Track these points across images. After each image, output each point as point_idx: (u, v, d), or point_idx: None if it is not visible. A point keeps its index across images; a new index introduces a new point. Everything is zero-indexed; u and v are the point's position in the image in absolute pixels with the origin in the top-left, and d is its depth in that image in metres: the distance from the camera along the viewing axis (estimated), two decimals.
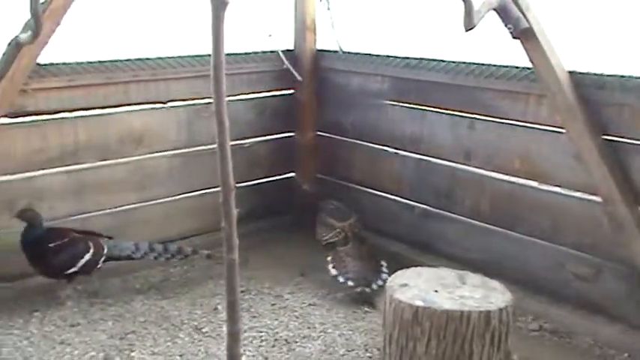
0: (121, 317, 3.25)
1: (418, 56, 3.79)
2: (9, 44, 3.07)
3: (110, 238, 3.47)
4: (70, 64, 3.42)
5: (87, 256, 3.32)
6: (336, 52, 4.20)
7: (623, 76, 2.94)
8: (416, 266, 2.93)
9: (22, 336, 3.05)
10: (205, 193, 3.96)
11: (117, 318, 3.25)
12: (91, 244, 3.36)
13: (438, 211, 3.79)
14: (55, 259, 3.27)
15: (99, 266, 3.37)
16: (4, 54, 3.10)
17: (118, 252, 3.43)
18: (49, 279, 3.35)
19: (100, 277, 3.57)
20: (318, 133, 4.40)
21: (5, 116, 3.24)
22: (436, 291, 2.58)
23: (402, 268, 2.90)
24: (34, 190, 3.44)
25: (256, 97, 4.22)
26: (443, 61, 3.64)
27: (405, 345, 2.49)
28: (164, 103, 3.82)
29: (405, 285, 2.61)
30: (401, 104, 3.91)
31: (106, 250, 3.38)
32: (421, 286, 2.61)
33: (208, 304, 3.40)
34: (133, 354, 2.93)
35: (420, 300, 2.50)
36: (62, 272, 3.32)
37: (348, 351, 2.99)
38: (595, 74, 3.01)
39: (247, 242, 2.65)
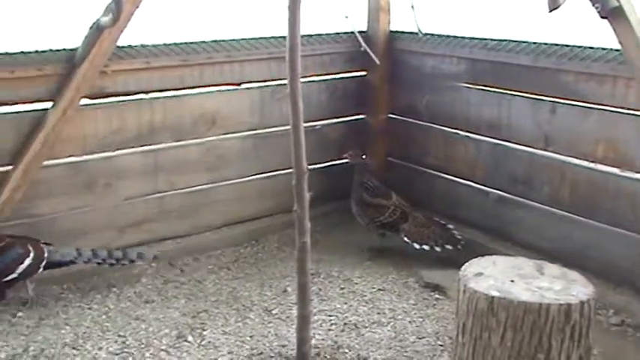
0: (194, 296, 3.32)
1: (497, 37, 3.66)
2: (91, 27, 3.15)
3: (49, 244, 3.20)
4: (147, 46, 3.48)
5: (27, 261, 3.05)
6: (410, 33, 4.12)
7: None
8: (490, 254, 2.84)
9: (100, 311, 3.16)
10: (277, 174, 3.97)
11: (189, 296, 3.31)
12: (30, 248, 3.09)
13: (514, 197, 3.67)
14: None
15: (40, 271, 3.11)
16: (86, 37, 3.18)
17: (60, 257, 3.18)
18: None
19: (174, 256, 3.65)
20: (390, 115, 4.34)
21: (86, 97, 3.33)
22: (512, 281, 2.49)
23: (476, 256, 2.82)
24: (112, 169, 3.53)
25: (328, 79, 4.19)
26: (523, 42, 3.51)
27: (479, 335, 2.42)
28: (237, 84, 3.84)
29: (480, 274, 2.53)
30: (478, 87, 3.80)
31: (46, 255, 3.12)
32: (497, 276, 2.52)
33: (278, 285, 3.42)
34: (205, 332, 2.99)
35: (495, 290, 2.41)
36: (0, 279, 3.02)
37: (419, 338, 2.95)
38: None
39: (317, 225, 2.66)
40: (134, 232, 3.62)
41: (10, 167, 3.19)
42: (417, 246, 3.60)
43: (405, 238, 3.64)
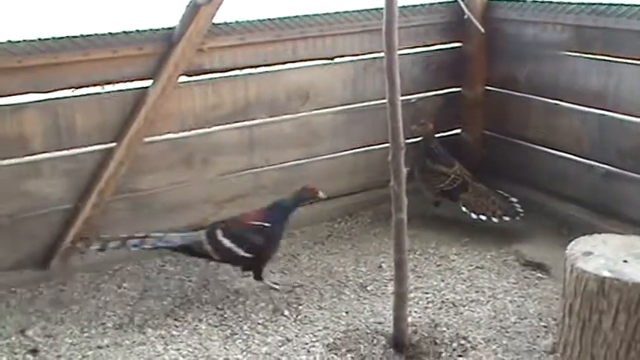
0: (289, 271, 3.35)
1: (605, 1, 3.42)
2: (187, 6, 3.19)
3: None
4: (241, 22, 3.49)
5: None
6: (509, 0, 3.93)
7: None
8: (596, 232, 2.69)
9: (199, 284, 3.25)
10: (370, 149, 3.93)
11: (284, 271, 3.34)
12: None
13: (622, 172, 3.45)
14: None
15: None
16: (183, 15, 3.23)
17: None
18: None
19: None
20: (487, 87, 4.17)
21: (184, 74, 3.40)
22: (625, 261, 2.34)
23: (582, 234, 2.67)
24: (209, 145, 3.60)
25: (423, 51, 4.08)
26: (636, 5, 3.26)
27: (588, 318, 2.30)
28: (330, 59, 3.81)
29: (589, 253, 2.40)
30: (583, 55, 3.58)
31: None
32: (608, 255, 2.38)
33: (373, 261, 3.39)
34: (300, 307, 3.01)
35: (607, 270, 2.28)
36: None
37: (521, 319, 2.85)
38: None
39: (411, 200, 2.60)
40: (231, 206, 3.67)
41: (114, 144, 3.31)
42: (474, 216, 3.59)
43: (463, 208, 3.62)
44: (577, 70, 3.60)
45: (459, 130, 4.29)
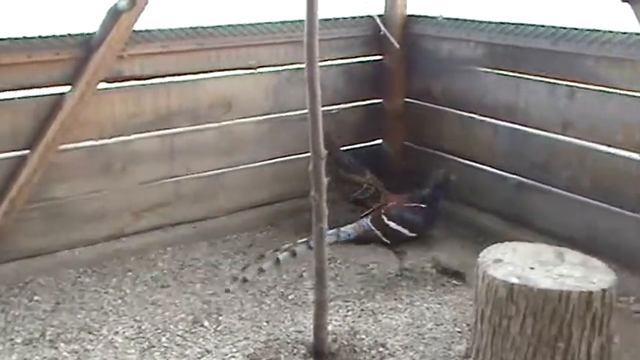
0: (209, 280, 3.32)
1: (515, 21, 3.61)
2: (108, 12, 3.13)
3: None
4: (163, 30, 3.46)
5: None
6: (426, 17, 4.08)
7: None
8: (510, 241, 2.82)
9: (116, 295, 3.17)
10: (292, 159, 3.96)
11: (205, 281, 3.32)
12: None
13: (533, 183, 3.63)
14: None
15: None
16: (103, 21, 3.17)
17: None
18: None
19: (190, 239, 3.66)
20: (407, 100, 4.30)
21: (104, 81, 3.33)
22: (532, 268, 2.46)
23: (495, 243, 2.79)
24: (128, 153, 3.53)
25: (345, 63, 4.16)
26: (542, 26, 3.46)
27: (498, 323, 2.40)
28: (254, 69, 3.82)
29: (499, 260, 2.51)
30: (495, 71, 3.75)
31: None
32: (516, 262, 2.50)
33: (294, 270, 3.41)
34: (220, 318, 2.99)
35: (515, 277, 2.39)
36: None
37: (437, 325, 2.94)
38: None
39: (334, 209, 2.65)
40: (150, 216, 3.62)
41: (27, 151, 3.20)
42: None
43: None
44: (489, 85, 3.77)
45: (380, 141, 4.39)
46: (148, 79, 3.49)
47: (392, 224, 3.31)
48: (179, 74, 3.59)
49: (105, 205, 3.51)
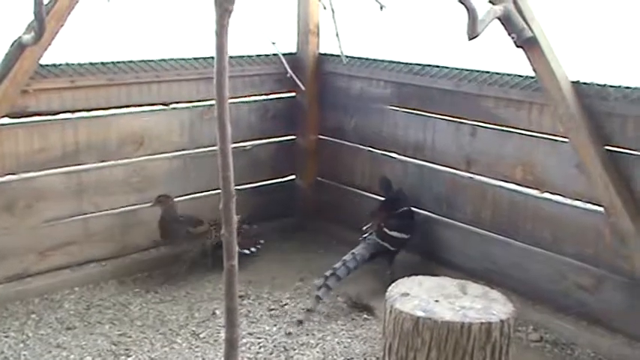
0: (119, 321, 3.24)
1: (421, 62, 3.78)
2: (12, 45, 3.04)
3: None
4: (72, 65, 3.41)
5: None
6: (338, 56, 4.19)
7: (627, 88, 2.93)
8: (417, 275, 2.91)
9: (17, 339, 3.03)
10: (205, 195, 3.94)
11: (114, 321, 3.23)
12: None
13: (439, 218, 3.77)
14: None
15: None
16: (6, 54, 3.07)
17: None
18: None
19: (99, 279, 3.57)
20: (320, 136, 4.39)
21: (7, 116, 3.23)
22: (437, 301, 2.56)
23: (403, 277, 2.88)
24: (33, 190, 3.42)
25: (259, 100, 4.21)
26: (446, 67, 3.63)
27: (404, 356, 2.47)
28: (166, 105, 3.81)
29: (406, 294, 2.60)
30: (403, 110, 3.90)
31: None
32: (422, 296, 2.59)
33: (207, 308, 3.38)
34: (129, 359, 2.91)
35: (420, 310, 2.48)
36: None
37: (347, 359, 2.98)
38: (598, 85, 3.00)
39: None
40: (56, 255, 3.51)
41: None
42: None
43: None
44: (398, 123, 3.92)
45: (293, 177, 4.45)
46: (55, 114, 3.42)
47: (394, 233, 3.64)
48: (88, 110, 3.53)
49: (7, 245, 3.37)
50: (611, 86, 2.97)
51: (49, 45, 3.11)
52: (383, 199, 3.85)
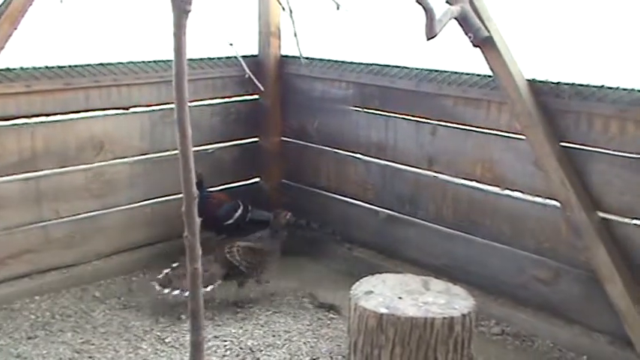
0: (81, 328, 3.19)
1: (382, 63, 3.81)
2: None
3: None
4: (27, 69, 3.35)
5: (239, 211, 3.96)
6: (299, 57, 4.20)
7: (580, 85, 3.01)
8: (381, 272, 2.94)
9: None
10: (168, 199, 3.91)
11: (76, 329, 3.18)
12: (240, 203, 3.96)
13: (402, 216, 3.81)
14: None
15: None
16: None
17: (258, 216, 3.98)
18: None
19: (60, 286, 3.51)
20: (283, 138, 4.39)
21: None
22: (400, 298, 2.59)
23: (367, 275, 2.91)
24: None
25: (220, 103, 4.19)
26: (406, 67, 3.67)
27: (369, 353, 2.50)
28: (126, 108, 3.77)
29: (370, 292, 2.62)
30: (365, 110, 3.93)
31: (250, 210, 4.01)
32: (386, 293, 2.62)
33: (172, 313, 3.35)
34: None
35: (384, 307, 2.50)
36: None
37: (313, 359, 2.99)
38: (553, 83, 3.07)
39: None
40: (15, 263, 3.44)
41: None
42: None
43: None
44: (360, 123, 3.95)
45: (257, 179, 4.44)
46: (10, 119, 3.35)
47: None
48: (45, 114, 3.47)
49: None
50: (565, 84, 3.04)
51: (2, 49, 3.05)
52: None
